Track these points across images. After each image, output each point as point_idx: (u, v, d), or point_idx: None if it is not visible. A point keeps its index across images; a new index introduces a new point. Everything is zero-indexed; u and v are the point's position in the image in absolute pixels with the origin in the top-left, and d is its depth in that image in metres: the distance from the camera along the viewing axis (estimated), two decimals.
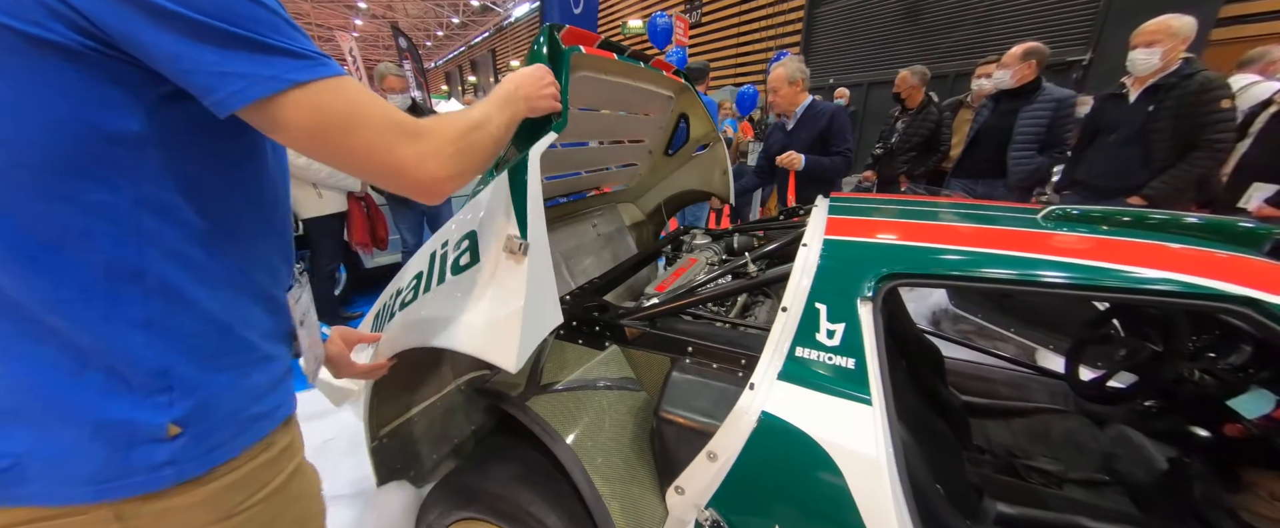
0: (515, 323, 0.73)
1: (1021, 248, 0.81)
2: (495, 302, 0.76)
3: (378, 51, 21.81)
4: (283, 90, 0.41)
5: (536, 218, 0.77)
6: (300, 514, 0.58)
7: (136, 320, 0.43)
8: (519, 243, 0.75)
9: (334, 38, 15.72)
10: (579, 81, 1.21)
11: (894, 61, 6.73)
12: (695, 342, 0.96)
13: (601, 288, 1.32)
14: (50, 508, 0.43)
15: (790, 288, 0.86)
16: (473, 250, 0.81)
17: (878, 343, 0.76)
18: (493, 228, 0.80)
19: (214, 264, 0.48)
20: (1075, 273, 0.73)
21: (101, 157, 0.39)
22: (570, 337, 1.09)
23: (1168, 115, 1.96)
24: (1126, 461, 1.26)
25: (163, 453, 0.44)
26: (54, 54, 0.36)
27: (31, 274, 0.40)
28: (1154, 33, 1.94)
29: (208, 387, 0.47)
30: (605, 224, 2.05)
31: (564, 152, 1.61)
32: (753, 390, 0.78)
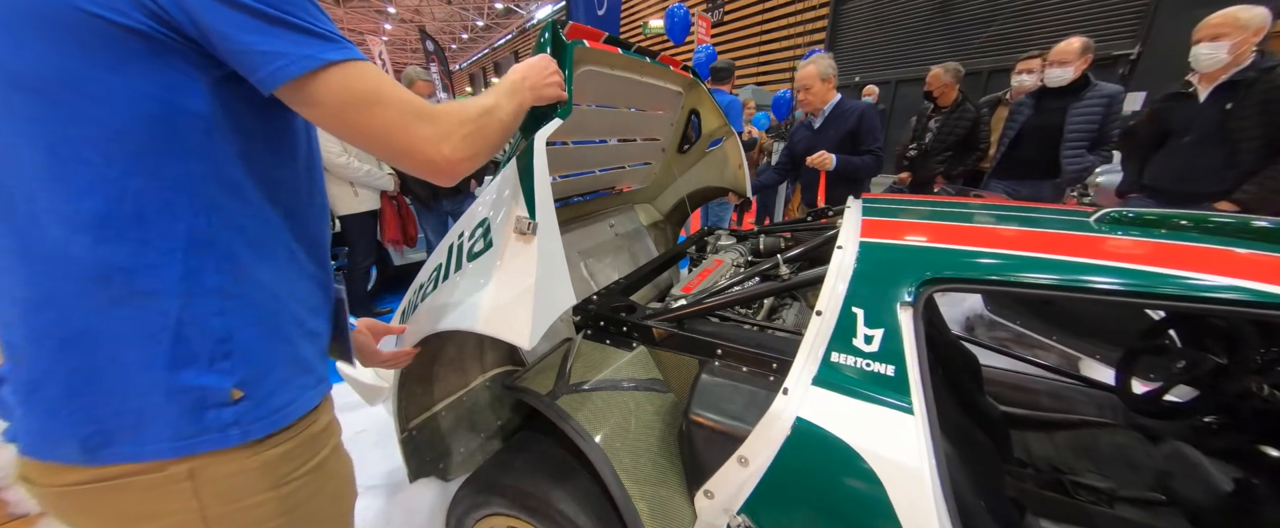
0: (527, 300, 0.75)
1: (1074, 252, 0.77)
2: (507, 282, 0.79)
3: (406, 55, 22.43)
4: (317, 69, 0.45)
5: (544, 199, 0.78)
6: (336, 490, 0.62)
7: (210, 288, 0.48)
8: (528, 223, 0.77)
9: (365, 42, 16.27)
10: (585, 77, 1.22)
11: (924, 58, 6.53)
12: (724, 344, 0.94)
13: (627, 288, 1.32)
14: (135, 465, 0.47)
15: (825, 291, 0.84)
16: (486, 237, 0.83)
17: (919, 350, 0.74)
18: (504, 213, 0.82)
19: (269, 239, 0.53)
20: (1134, 279, 0.68)
21: (178, 134, 0.44)
22: (597, 337, 1.09)
23: (1252, 113, 1.79)
24: (1184, 480, 1.18)
25: (228, 415, 0.49)
26: (135, 39, 0.40)
27: (125, 242, 0.44)
28: (1219, 26, 1.78)
29: (265, 355, 0.52)
30: (623, 224, 2.05)
31: (577, 150, 1.62)
32: (786, 396, 0.76)
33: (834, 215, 1.72)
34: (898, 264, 0.81)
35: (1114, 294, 0.69)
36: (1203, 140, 1.94)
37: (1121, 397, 1.36)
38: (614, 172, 1.94)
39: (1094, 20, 5.11)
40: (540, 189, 0.78)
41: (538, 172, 0.78)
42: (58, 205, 0.42)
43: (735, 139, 2.02)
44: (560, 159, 1.56)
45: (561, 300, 0.81)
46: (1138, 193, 2.25)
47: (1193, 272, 0.68)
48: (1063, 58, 2.36)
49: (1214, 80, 1.89)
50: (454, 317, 0.83)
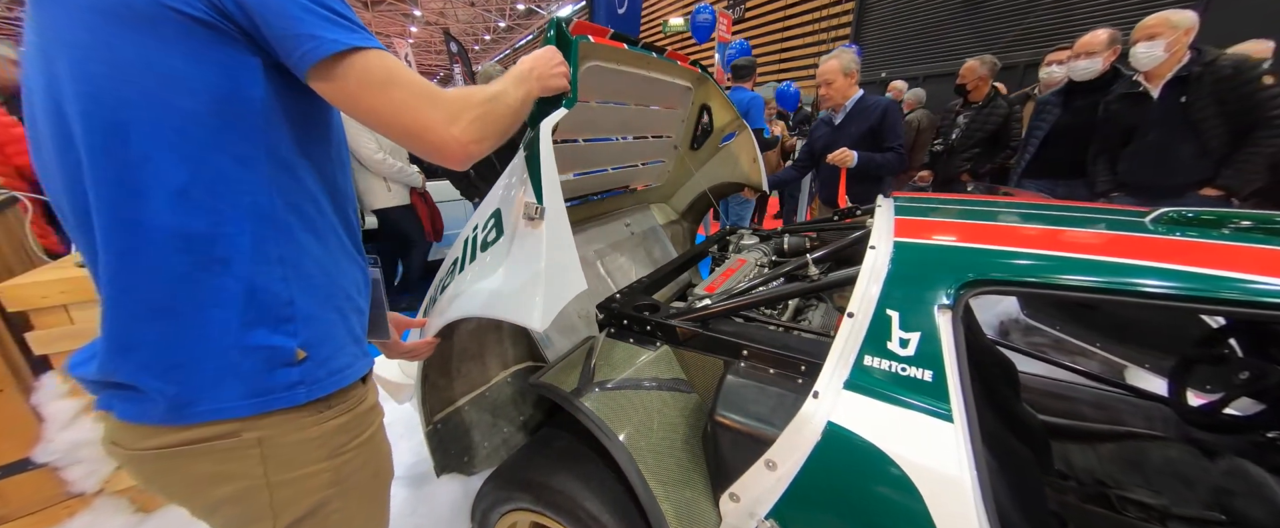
0: (537, 284, 0.76)
1: (1127, 253, 0.72)
2: (518, 267, 0.80)
3: (430, 56, 22.94)
4: (343, 51, 0.49)
5: (551, 185, 0.79)
6: (378, 468, 0.67)
7: (274, 257, 0.52)
8: (536, 208, 0.78)
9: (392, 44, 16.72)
10: (592, 72, 1.22)
11: (953, 53, 6.32)
12: (750, 345, 0.92)
13: (650, 287, 1.31)
14: (214, 426, 0.51)
15: (857, 293, 0.81)
16: (498, 227, 0.85)
17: (959, 355, 0.71)
18: (513, 201, 0.84)
19: (319, 219, 0.58)
20: (1192, 283, 0.64)
21: (243, 114, 0.49)
22: (620, 335, 1.09)
23: (1209, 103, 1.90)
24: (1246, 499, 1.11)
25: (295, 374, 0.54)
26: (201, 28, 0.45)
27: (203, 213, 0.48)
28: (1153, 26, 1.94)
29: (321, 321, 0.57)
30: (639, 223, 2.05)
31: (590, 148, 1.61)
32: (817, 399, 0.74)
33: (861, 214, 1.67)
34: (935, 265, 0.78)
35: (1171, 299, 0.64)
36: (1168, 135, 2.03)
37: (1176, 409, 1.28)
38: (627, 170, 1.93)
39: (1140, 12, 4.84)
40: (547, 176, 0.79)
41: (544, 159, 0.79)
42: (150, 179, 0.47)
43: (748, 133, 1.99)
44: (573, 157, 1.56)
45: (572, 284, 0.81)
46: (1117, 192, 2.27)
47: (1258, 275, 0.63)
48: (1090, 49, 2.28)
49: (1162, 77, 2.00)
50: (468, 304, 0.85)
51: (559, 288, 0.78)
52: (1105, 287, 0.67)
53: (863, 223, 1.55)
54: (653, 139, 1.87)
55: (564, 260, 0.80)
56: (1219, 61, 1.89)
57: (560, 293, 0.78)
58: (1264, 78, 1.84)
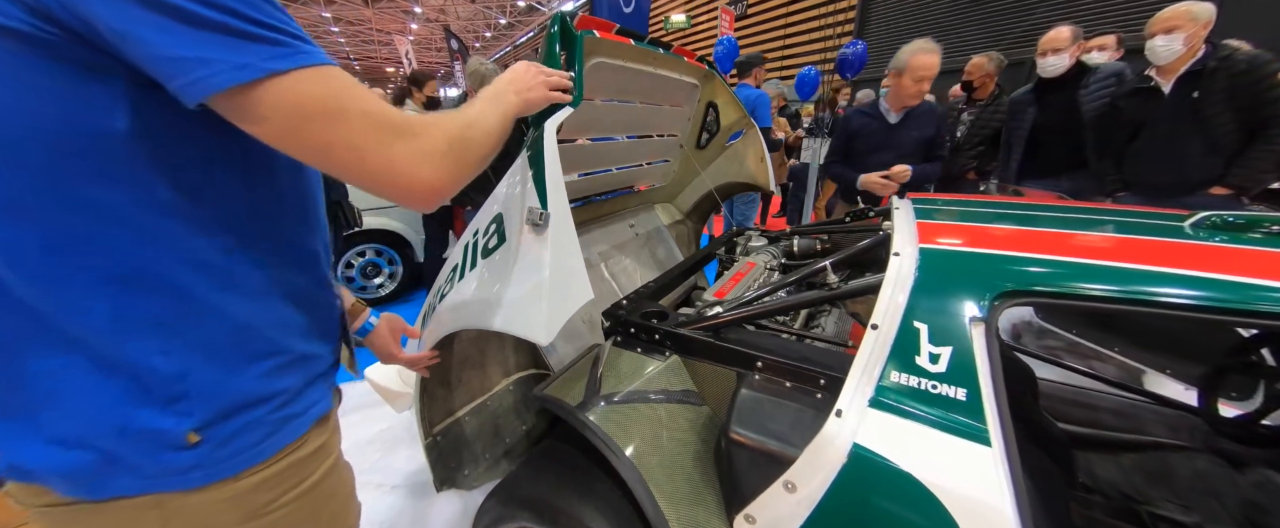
0: (541, 294, 0.71)
1: (1173, 263, 0.67)
2: (521, 276, 0.75)
3: (431, 54, 22.87)
4: (257, 79, 0.36)
5: (556, 189, 0.74)
6: (333, 513, 0.58)
7: (146, 325, 0.42)
8: (540, 214, 0.73)
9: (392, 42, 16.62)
10: (597, 70, 1.17)
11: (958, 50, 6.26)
12: (765, 356, 0.88)
13: (657, 292, 1.26)
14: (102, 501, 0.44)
15: (881, 303, 0.76)
16: (500, 233, 0.80)
17: (995, 372, 0.66)
18: (516, 206, 0.78)
19: (235, 265, 0.46)
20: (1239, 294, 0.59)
21: (92, 155, 0.37)
22: (627, 344, 1.04)
23: (1221, 99, 1.86)
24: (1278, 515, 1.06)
25: (188, 458, 0.45)
26: (17, 42, 0.33)
27: (42, 279, 0.39)
28: (1172, 19, 1.87)
29: (231, 391, 0.46)
30: (643, 224, 2.00)
31: (593, 148, 1.57)
32: (840, 418, 0.70)
33: (875, 216, 1.62)
34: (967, 274, 0.73)
35: (1231, 314, 0.59)
36: (1178, 131, 1.98)
37: (1207, 419, 1.24)
38: (632, 170, 1.88)
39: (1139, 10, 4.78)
40: (552, 179, 0.74)
41: (548, 161, 0.75)
42: None
43: (755, 131, 1.94)
44: (577, 157, 1.51)
45: (578, 294, 0.76)
46: (1125, 191, 2.22)
47: None
48: (1057, 45, 2.28)
49: (1175, 72, 1.95)
50: (468, 315, 0.80)
51: (564, 298, 0.73)
52: (1149, 299, 0.62)
53: (876, 225, 1.50)
54: (658, 138, 1.82)
55: (569, 269, 0.75)
56: (1234, 56, 1.84)
57: (565, 304, 0.73)
58: (1276, 75, 1.78)
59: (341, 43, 21.61)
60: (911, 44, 1.97)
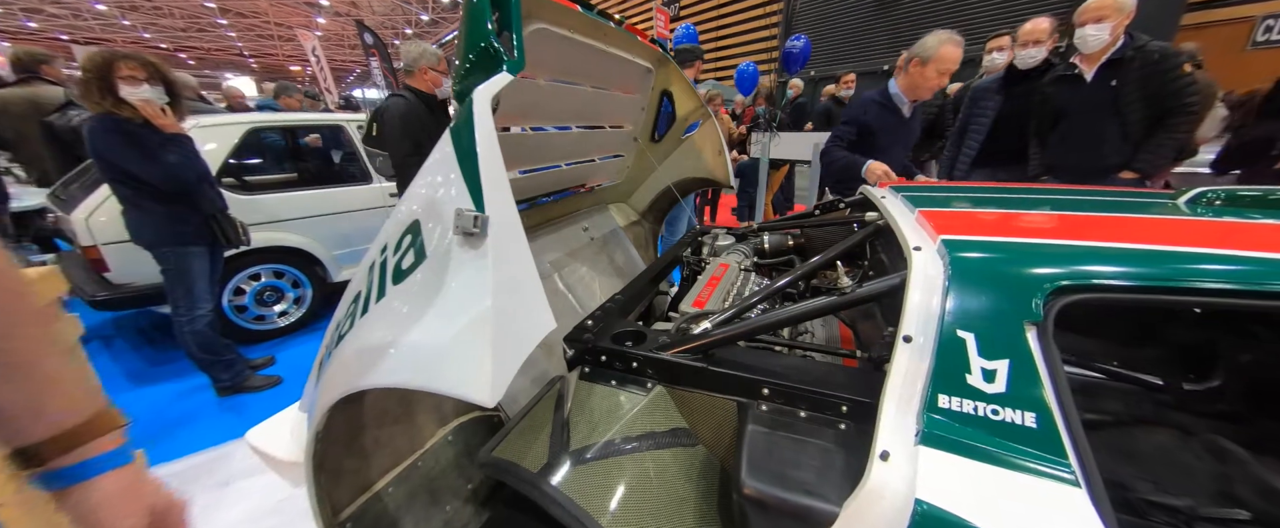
0: (483, 332, 0.50)
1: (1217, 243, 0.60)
2: (452, 306, 0.53)
3: (343, 51, 20.88)
4: None
5: (495, 181, 0.54)
6: None
7: None
8: (473, 218, 0.52)
9: (295, 37, 14.90)
10: (539, 38, 0.97)
11: (874, 52, 6.70)
12: (772, 381, 0.72)
13: (626, 306, 1.07)
14: None
15: (910, 309, 0.63)
16: (417, 247, 0.56)
17: (1061, 389, 0.54)
18: (438, 210, 0.56)
19: None
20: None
21: None
22: (598, 375, 0.84)
23: (1134, 87, 1.97)
24: (1245, 485, 1.09)
25: None
26: None
27: None
28: (1100, 9, 1.95)
29: None
30: (598, 227, 1.80)
31: (537, 138, 1.35)
32: (888, 463, 0.55)
33: (845, 208, 1.55)
34: (1011, 268, 0.61)
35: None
36: (1096, 117, 2.09)
37: (1170, 392, 1.26)
38: (582, 166, 1.68)
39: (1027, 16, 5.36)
40: (488, 168, 0.54)
41: (482, 144, 0.54)
42: None
43: (712, 122, 1.82)
44: (519, 150, 1.28)
45: (535, 326, 0.56)
46: (1047, 174, 2.34)
47: None
48: (1036, 37, 2.35)
49: (1097, 61, 2.05)
50: (377, 368, 0.56)
51: (515, 335, 0.52)
52: (1242, 290, 0.53)
53: (850, 218, 1.41)
54: (610, 130, 1.62)
55: (520, 291, 0.54)
56: (1149, 47, 1.95)
57: (518, 343, 0.52)
58: (1185, 65, 1.94)
59: (232, 37, 19.12)
60: (937, 34, 1.85)
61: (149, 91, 1.46)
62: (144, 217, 1.61)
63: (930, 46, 1.84)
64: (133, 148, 1.49)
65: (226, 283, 2.26)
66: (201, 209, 1.67)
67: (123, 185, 1.56)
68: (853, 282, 0.73)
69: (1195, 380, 1.28)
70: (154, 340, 2.46)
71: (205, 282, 1.75)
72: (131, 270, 1.98)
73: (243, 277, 2.32)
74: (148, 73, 1.46)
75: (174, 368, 2.16)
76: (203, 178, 1.65)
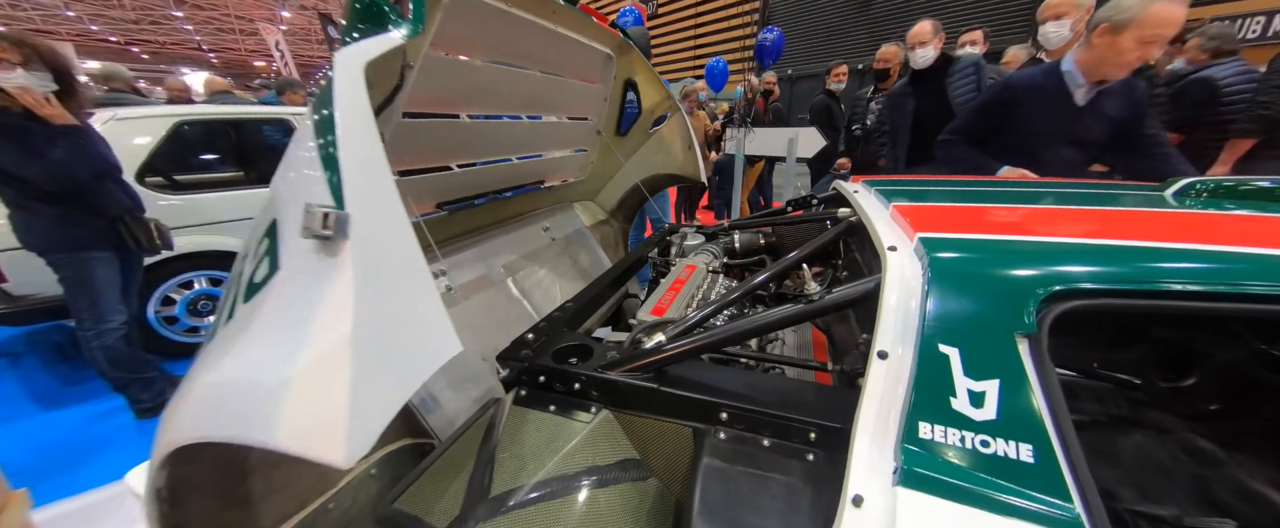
0: (338, 367, 0.38)
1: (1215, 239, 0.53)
2: (301, 333, 0.40)
3: (310, 46, 20.06)
4: None
5: (366, 169, 0.43)
6: None
7: None
8: (325, 216, 0.40)
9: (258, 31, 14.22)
10: (467, 10, 0.84)
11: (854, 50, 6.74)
12: (731, 404, 0.62)
13: (577, 316, 0.96)
14: None
15: (885, 319, 0.54)
16: (272, 254, 0.44)
17: (1060, 413, 0.46)
18: (293, 206, 0.44)
19: None
20: None
21: None
22: (535, 399, 0.73)
23: None
24: (1224, 487, 1.05)
25: None
26: None
27: None
28: (1059, 5, 1.94)
29: None
30: (560, 227, 1.69)
31: (477, 128, 1.21)
32: (860, 509, 0.45)
33: (817, 205, 1.47)
34: (997, 270, 0.53)
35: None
36: None
37: (1147, 392, 1.22)
38: (540, 160, 1.55)
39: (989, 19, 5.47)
40: (354, 150, 0.42)
41: (345, 116, 0.42)
42: None
43: (681, 115, 1.72)
44: (461, 139, 1.15)
45: (428, 354, 0.45)
46: None
47: None
48: (922, 39, 2.43)
49: (1061, 56, 2.05)
50: (203, 416, 0.43)
51: (394, 369, 0.41)
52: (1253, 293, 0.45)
53: (823, 215, 1.34)
54: (569, 121, 1.51)
55: (406, 310, 0.42)
56: None
57: (399, 379, 0.41)
58: None
59: (189, 30, 18.17)
60: None
61: (25, 77, 1.27)
62: (32, 220, 1.41)
63: (1130, 6, 1.28)
64: (6, 142, 1.29)
65: (151, 292, 2.05)
66: (104, 210, 1.48)
67: (6, 186, 1.37)
68: (821, 287, 0.64)
69: (1169, 379, 1.25)
70: (70, 357, 2.22)
71: (114, 292, 1.56)
72: (33, 280, 1.76)
73: (172, 285, 2.11)
74: (23, 56, 1.27)
75: (89, 388, 1.94)
76: (102, 176, 1.45)
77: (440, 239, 1.21)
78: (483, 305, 1.22)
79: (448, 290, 1.08)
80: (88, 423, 1.78)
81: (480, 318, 1.19)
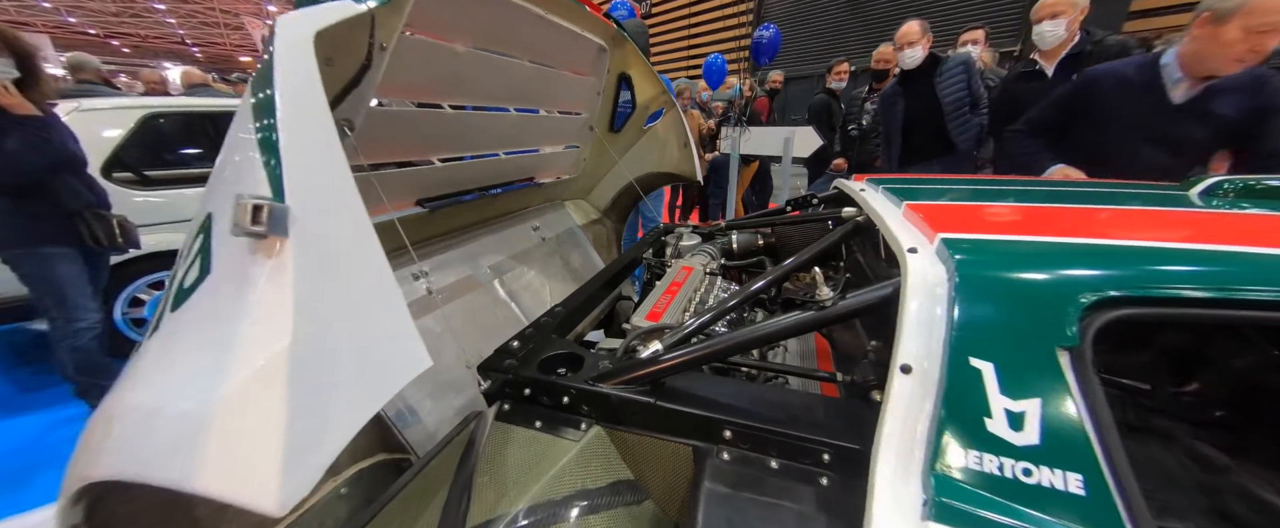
0: (272, 396, 0.32)
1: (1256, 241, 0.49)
2: (226, 352, 0.34)
3: None
4: None
5: (317, 148, 0.37)
6: None
7: None
8: (257, 209, 0.33)
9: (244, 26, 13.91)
10: None
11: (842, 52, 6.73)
12: (734, 421, 0.56)
13: (567, 321, 0.90)
14: None
15: (907, 329, 0.49)
16: (204, 254, 0.38)
17: (1110, 437, 0.41)
18: (228, 199, 0.37)
19: None
20: None
21: None
22: (520, 415, 0.66)
23: None
24: (1237, 499, 1.02)
25: None
26: None
27: None
28: (1054, 4, 1.94)
29: None
30: (551, 226, 1.62)
31: (470, 119, 1.15)
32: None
33: (818, 204, 1.42)
34: (1035, 275, 0.48)
35: None
36: None
37: (1156, 398, 1.19)
38: (529, 156, 1.49)
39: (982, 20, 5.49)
40: (297, 130, 0.36)
41: (289, 92, 0.36)
42: None
43: (677, 111, 1.66)
44: (443, 130, 1.09)
45: (387, 374, 0.39)
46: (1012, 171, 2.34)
47: None
48: (911, 40, 2.43)
49: (1057, 56, 2.05)
50: (122, 448, 0.36)
51: (346, 391, 0.34)
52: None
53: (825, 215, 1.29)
54: (560, 115, 1.44)
55: (359, 320, 0.36)
56: (1107, 41, 2.00)
57: (348, 406, 0.34)
58: None
59: (172, 24, 17.75)
60: None
61: None
62: None
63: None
64: None
65: (119, 293, 1.94)
66: (62, 205, 1.38)
67: None
68: (834, 292, 0.58)
69: (1178, 384, 1.22)
70: (30, 360, 2.11)
71: (81, 289, 1.46)
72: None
73: (141, 285, 2.01)
74: None
75: (52, 394, 1.83)
76: (58, 168, 1.36)
77: (421, 238, 1.14)
78: (467, 309, 1.15)
79: (428, 293, 1.01)
80: (46, 431, 1.67)
81: (464, 322, 1.12)
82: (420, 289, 1.00)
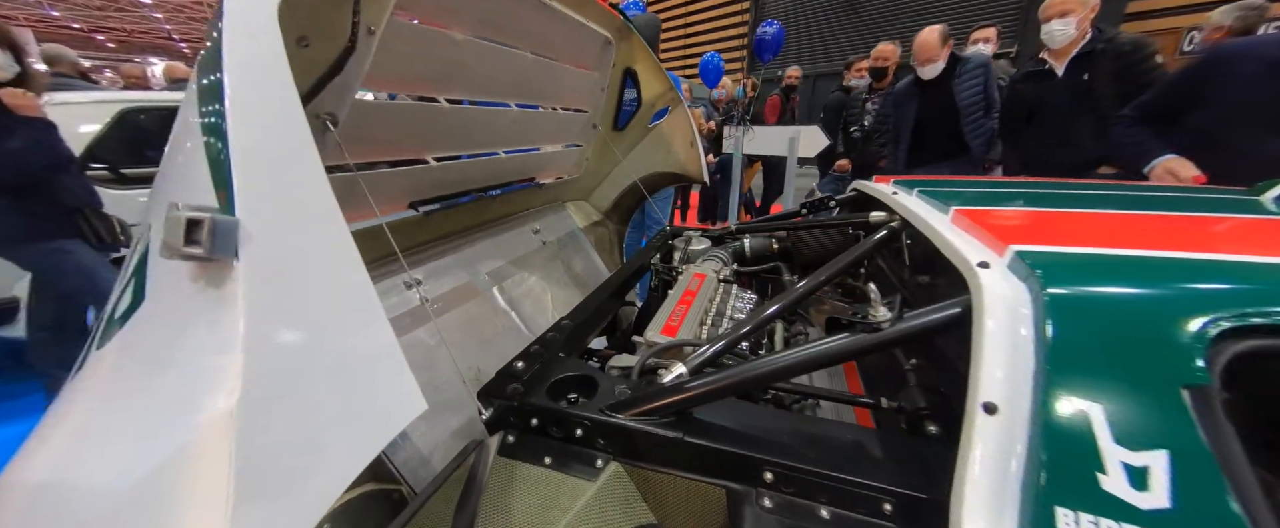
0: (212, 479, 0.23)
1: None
2: (154, 408, 0.26)
3: None
4: None
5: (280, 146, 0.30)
6: None
7: None
8: (192, 224, 0.25)
9: None
10: None
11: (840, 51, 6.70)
12: (776, 462, 0.49)
13: (573, 336, 0.82)
14: None
15: (985, 357, 0.41)
16: (140, 274, 0.30)
17: (1250, 493, 0.33)
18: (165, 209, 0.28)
19: None
20: None
21: None
22: (527, 450, 0.58)
23: (1107, 79, 1.92)
24: None
25: None
26: None
27: None
28: (1064, 3, 1.90)
29: None
30: (552, 229, 1.54)
31: (468, 115, 1.06)
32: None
33: (835, 207, 1.35)
34: (1150, 297, 0.40)
35: None
36: (1070, 112, 2.04)
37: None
38: (529, 155, 1.40)
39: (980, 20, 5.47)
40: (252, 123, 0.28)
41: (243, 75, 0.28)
42: None
43: (683, 109, 1.59)
44: (431, 129, 1.00)
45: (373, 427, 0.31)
46: (1023, 172, 2.31)
47: None
48: (929, 55, 2.38)
49: (1067, 55, 2.01)
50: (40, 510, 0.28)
51: (311, 458, 0.26)
52: None
53: (845, 219, 1.21)
54: (562, 112, 1.36)
55: (335, 361, 0.28)
56: (1119, 39, 1.92)
57: (319, 476, 0.26)
58: (1158, 55, 1.90)
59: (158, 19, 17.40)
60: None
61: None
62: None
63: None
64: None
65: None
66: (62, 204, 1.33)
67: None
68: (892, 312, 0.51)
69: None
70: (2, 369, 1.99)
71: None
72: None
73: None
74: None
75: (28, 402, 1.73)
76: (54, 167, 1.31)
77: (414, 244, 1.05)
78: (464, 319, 1.07)
79: (422, 303, 0.93)
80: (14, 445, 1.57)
81: (461, 333, 1.04)
82: (413, 299, 0.92)
